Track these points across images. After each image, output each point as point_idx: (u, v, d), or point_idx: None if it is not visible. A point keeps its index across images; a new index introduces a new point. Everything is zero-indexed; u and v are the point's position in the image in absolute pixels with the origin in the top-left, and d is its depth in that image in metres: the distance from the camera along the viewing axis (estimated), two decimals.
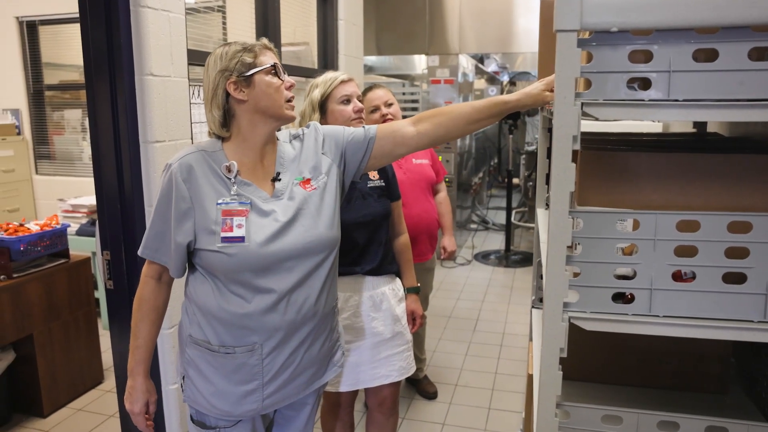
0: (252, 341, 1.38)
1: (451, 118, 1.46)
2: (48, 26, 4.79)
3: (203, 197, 1.34)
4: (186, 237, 1.34)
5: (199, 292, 1.40)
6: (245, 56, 1.35)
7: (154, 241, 1.38)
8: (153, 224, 1.38)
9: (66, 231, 3.00)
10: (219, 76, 1.35)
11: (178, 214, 1.33)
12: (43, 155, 5.05)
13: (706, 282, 1.06)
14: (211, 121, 1.40)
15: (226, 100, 1.37)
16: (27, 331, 2.75)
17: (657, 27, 0.98)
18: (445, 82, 5.42)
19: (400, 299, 1.99)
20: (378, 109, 2.48)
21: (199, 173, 1.34)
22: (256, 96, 1.36)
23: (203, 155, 1.37)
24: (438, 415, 2.87)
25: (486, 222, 6.93)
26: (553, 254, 1.07)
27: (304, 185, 1.44)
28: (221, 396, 1.40)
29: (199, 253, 1.36)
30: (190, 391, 1.44)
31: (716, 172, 1.14)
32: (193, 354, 1.42)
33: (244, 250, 1.32)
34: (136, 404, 1.45)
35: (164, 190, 1.35)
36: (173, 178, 1.33)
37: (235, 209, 1.33)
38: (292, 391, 1.47)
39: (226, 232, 1.32)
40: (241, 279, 1.34)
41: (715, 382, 1.49)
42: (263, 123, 1.39)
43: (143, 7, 1.76)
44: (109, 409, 2.92)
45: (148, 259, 1.41)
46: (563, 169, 1.04)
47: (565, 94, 1.01)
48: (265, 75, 1.36)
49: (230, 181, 1.36)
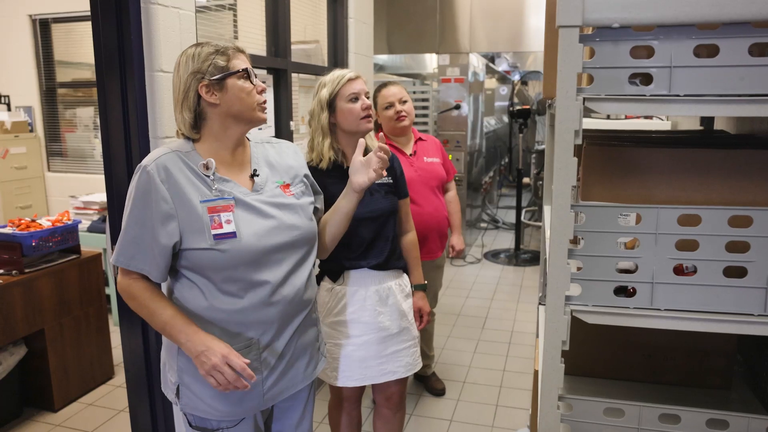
0: (248, 337, 1.39)
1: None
2: (61, 24, 4.86)
3: (185, 197, 1.32)
4: (171, 238, 1.31)
5: (188, 298, 1.37)
6: (218, 59, 1.34)
7: (129, 248, 1.33)
8: (127, 229, 1.32)
9: (77, 227, 3.04)
10: (191, 77, 1.34)
11: (160, 215, 1.30)
12: (55, 152, 5.12)
13: (707, 276, 1.07)
14: (181, 123, 1.39)
15: (198, 102, 1.36)
16: (38, 326, 2.80)
17: (658, 23, 0.99)
18: (455, 81, 5.43)
19: (406, 295, 2.01)
20: (392, 106, 2.50)
21: (176, 173, 1.32)
22: (228, 100, 1.36)
23: (177, 155, 1.35)
24: (446, 412, 2.89)
25: (496, 221, 6.93)
26: (556, 248, 1.08)
27: (284, 189, 1.48)
28: (222, 397, 1.40)
29: (186, 253, 1.33)
30: (188, 398, 1.42)
31: (718, 167, 1.14)
32: (186, 361, 1.39)
33: (237, 245, 1.32)
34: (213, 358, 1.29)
35: (140, 193, 1.30)
36: (151, 179, 1.29)
37: (220, 205, 1.33)
38: (290, 382, 1.50)
39: (216, 229, 1.31)
40: (234, 275, 1.35)
41: (719, 378, 1.49)
42: (235, 126, 1.40)
43: (154, 4, 1.78)
44: (119, 404, 2.96)
45: (122, 268, 1.35)
46: (565, 163, 1.05)
47: (567, 89, 1.03)
48: (237, 79, 1.36)
49: (209, 178, 1.36)
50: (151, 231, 1.31)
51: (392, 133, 2.62)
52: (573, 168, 1.04)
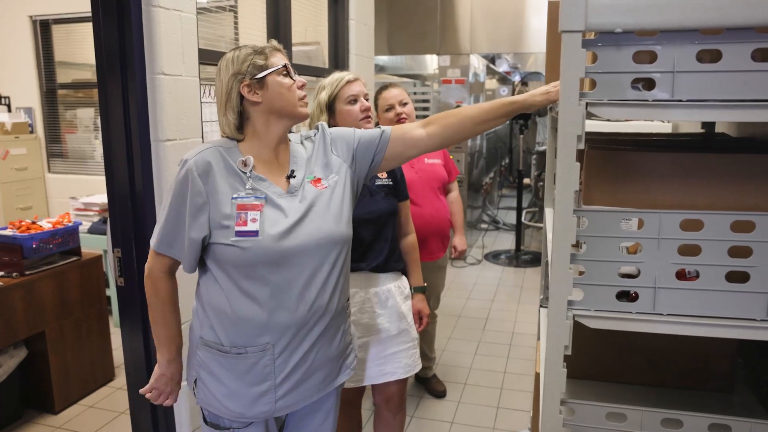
0: (264, 341, 1.38)
1: (460, 119, 1.49)
2: (61, 25, 4.85)
3: (219, 192, 1.35)
4: (201, 232, 1.35)
5: (211, 293, 1.40)
6: (257, 59, 1.37)
7: (169, 235, 1.38)
8: (168, 218, 1.38)
9: (78, 229, 3.04)
10: (232, 79, 1.37)
11: (193, 208, 1.34)
12: (55, 153, 5.11)
13: (710, 281, 1.07)
14: (225, 125, 1.41)
15: (241, 102, 1.38)
16: (39, 328, 2.79)
17: (661, 28, 0.99)
18: (456, 82, 5.43)
19: (406, 297, 2.01)
20: (393, 108, 2.50)
21: (215, 168, 1.35)
22: (270, 97, 1.38)
23: (219, 151, 1.38)
24: (447, 414, 2.89)
25: (497, 222, 6.93)
26: (558, 252, 1.08)
27: (315, 183, 1.46)
28: (234, 397, 1.41)
29: (213, 247, 1.37)
30: (203, 393, 1.45)
31: (721, 171, 1.14)
32: (204, 356, 1.43)
33: (258, 244, 1.33)
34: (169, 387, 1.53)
35: (179, 185, 1.35)
36: (189, 173, 1.34)
37: (250, 203, 1.35)
38: (306, 393, 1.47)
39: (240, 226, 1.33)
40: (254, 274, 1.35)
41: (721, 381, 1.49)
42: (278, 122, 1.41)
43: (155, 6, 1.79)
44: (120, 406, 2.96)
45: (158, 252, 1.41)
46: (568, 168, 1.05)
47: (570, 94, 1.02)
48: (277, 76, 1.38)
49: (246, 175, 1.38)
50: (185, 223, 1.35)
51: None
52: (576, 173, 1.04)
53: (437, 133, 1.50)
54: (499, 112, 1.46)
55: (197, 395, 1.47)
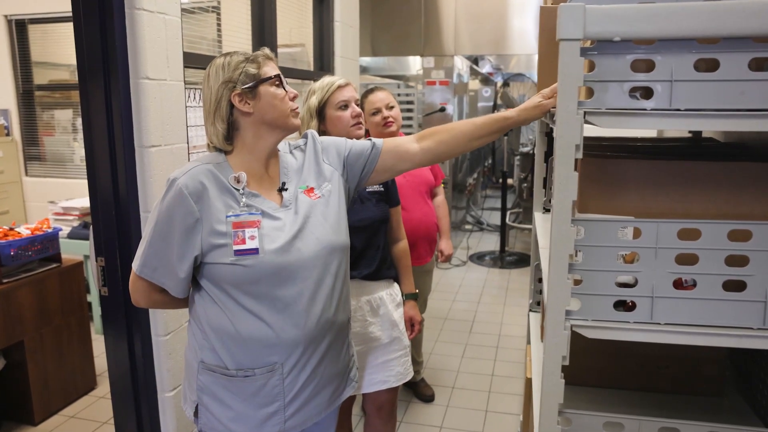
0: (272, 361, 1.33)
1: (453, 135, 1.47)
2: (38, 25, 4.75)
3: (212, 210, 1.29)
4: (192, 252, 1.29)
5: (210, 314, 1.34)
6: (249, 67, 1.32)
7: (153, 260, 1.33)
8: (152, 242, 1.32)
9: (58, 235, 2.97)
10: (222, 87, 1.31)
11: (185, 229, 1.28)
12: (33, 156, 5.00)
13: (707, 289, 1.06)
14: (213, 135, 1.36)
15: (231, 112, 1.33)
16: (18, 338, 2.72)
17: (659, 37, 0.99)
18: (440, 83, 5.43)
19: (397, 304, 1.99)
20: (379, 112, 2.48)
21: (207, 186, 1.30)
22: (262, 108, 1.33)
23: (209, 169, 1.32)
24: (435, 418, 2.88)
25: (481, 223, 6.95)
26: (556, 263, 1.07)
27: (308, 193, 1.42)
28: (241, 420, 1.36)
29: (208, 267, 1.31)
30: (206, 418, 1.39)
31: (716, 180, 1.14)
32: (206, 380, 1.37)
33: (260, 262, 1.28)
34: None
35: (168, 207, 1.29)
36: (180, 192, 1.28)
37: (246, 221, 1.30)
38: (314, 411, 1.43)
39: (238, 245, 1.28)
40: (257, 291, 1.30)
41: (711, 385, 1.50)
42: (269, 134, 1.37)
43: (138, 9, 1.74)
44: (102, 416, 2.90)
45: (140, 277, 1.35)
46: (566, 177, 1.04)
47: (568, 102, 1.01)
48: (270, 86, 1.33)
49: (239, 192, 1.33)
50: (173, 246, 1.29)
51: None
52: (574, 183, 1.03)
53: (431, 149, 1.48)
54: (492, 128, 1.45)
55: (199, 421, 1.40)
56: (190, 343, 1.42)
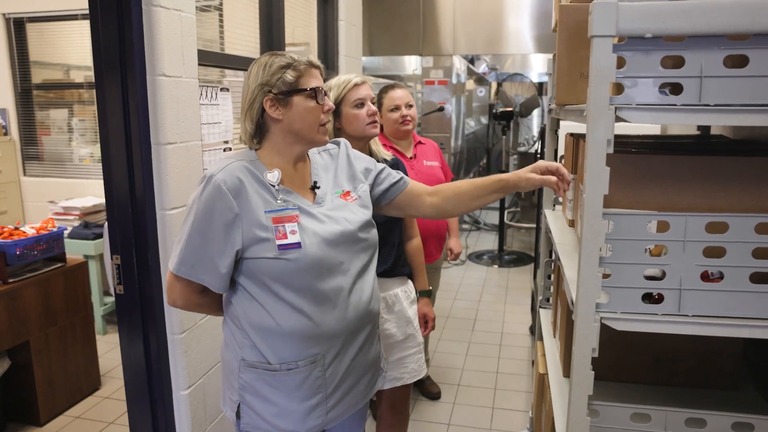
0: (314, 353, 1.35)
1: (457, 194, 1.52)
2: (36, 24, 4.71)
3: (251, 206, 1.30)
4: (234, 247, 1.29)
5: (249, 311, 1.35)
6: (288, 74, 1.31)
7: (190, 257, 1.31)
8: (189, 240, 1.30)
9: (62, 234, 2.96)
10: (258, 89, 1.32)
11: (224, 224, 1.28)
12: (31, 156, 4.96)
13: (734, 282, 1.09)
14: (243, 132, 1.38)
15: (261, 114, 1.34)
16: (23, 338, 2.70)
17: (690, 33, 1.01)
18: (439, 83, 5.45)
19: (412, 301, 2.00)
20: (398, 109, 2.49)
21: (245, 182, 1.30)
22: (291, 117, 1.33)
23: (244, 164, 1.33)
24: (443, 416, 2.89)
25: (478, 222, 6.98)
26: (587, 256, 1.08)
27: (345, 197, 1.45)
28: (285, 415, 1.36)
29: (249, 262, 1.31)
30: (249, 417, 1.39)
31: (738, 175, 1.16)
32: (249, 378, 1.37)
33: (303, 255, 1.29)
34: None
35: (206, 203, 1.28)
36: (218, 188, 1.28)
37: (285, 216, 1.30)
38: (353, 401, 1.45)
39: (281, 239, 1.29)
40: (299, 285, 1.31)
41: (727, 379, 1.52)
42: (296, 143, 1.38)
43: (156, 6, 1.74)
44: (107, 416, 2.88)
45: (178, 276, 1.33)
46: (598, 172, 1.05)
47: (600, 98, 1.03)
48: (304, 97, 1.33)
49: (274, 188, 1.33)
50: (213, 242, 1.29)
51: (395, 136, 2.62)
52: (605, 177, 1.05)
53: (437, 205, 1.54)
54: (490, 189, 1.48)
55: (241, 420, 1.40)
56: (228, 343, 1.41)
